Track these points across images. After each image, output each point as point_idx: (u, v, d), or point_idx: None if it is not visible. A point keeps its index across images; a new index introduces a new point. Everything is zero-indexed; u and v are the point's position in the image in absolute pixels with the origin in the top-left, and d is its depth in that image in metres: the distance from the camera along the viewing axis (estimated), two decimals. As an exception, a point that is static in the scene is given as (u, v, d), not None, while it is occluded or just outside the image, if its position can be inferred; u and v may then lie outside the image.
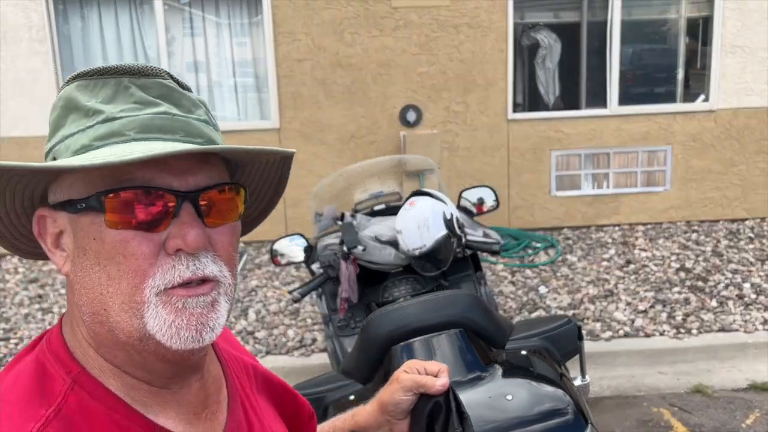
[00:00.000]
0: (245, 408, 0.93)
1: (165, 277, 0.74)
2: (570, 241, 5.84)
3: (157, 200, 0.73)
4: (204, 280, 0.76)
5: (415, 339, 1.92)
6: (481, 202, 2.95)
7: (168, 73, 0.81)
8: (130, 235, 0.73)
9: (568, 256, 5.48)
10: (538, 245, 5.73)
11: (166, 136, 0.75)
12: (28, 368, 0.78)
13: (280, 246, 2.93)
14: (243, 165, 0.87)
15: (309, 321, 4.55)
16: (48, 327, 4.62)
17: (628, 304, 4.59)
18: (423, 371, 1.14)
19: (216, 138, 0.81)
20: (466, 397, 1.14)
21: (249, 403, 0.95)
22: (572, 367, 2.22)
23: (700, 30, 6.20)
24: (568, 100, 6.27)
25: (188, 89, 0.83)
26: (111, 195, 0.72)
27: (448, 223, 2.50)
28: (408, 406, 1.12)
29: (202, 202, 0.76)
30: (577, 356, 2.16)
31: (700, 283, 4.85)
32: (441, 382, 1.11)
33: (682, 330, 4.22)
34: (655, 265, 5.21)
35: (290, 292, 3.76)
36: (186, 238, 0.73)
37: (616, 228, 6.12)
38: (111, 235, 0.73)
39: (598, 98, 6.12)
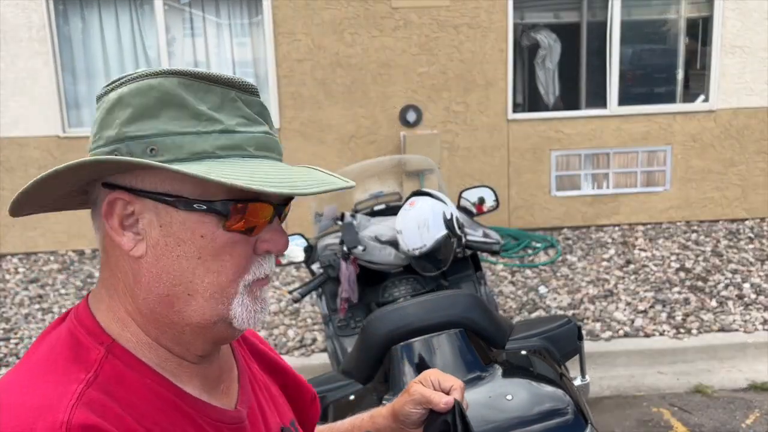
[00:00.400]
0: (254, 387, 1.01)
1: (255, 273, 0.87)
2: (570, 241, 5.84)
3: (263, 211, 0.85)
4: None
5: (415, 339, 1.92)
6: (481, 202, 2.95)
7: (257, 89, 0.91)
8: (238, 238, 0.84)
9: (568, 256, 5.48)
10: (538, 245, 5.74)
11: (270, 154, 0.87)
12: (62, 337, 0.84)
13: (280, 246, 2.93)
14: None
15: (309, 321, 4.55)
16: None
17: (628, 304, 4.59)
18: (437, 385, 1.10)
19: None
20: (466, 397, 1.12)
21: (258, 385, 1.03)
22: (572, 367, 2.22)
23: (700, 30, 6.20)
24: (568, 100, 6.27)
25: None
26: (237, 204, 0.82)
27: (448, 223, 2.50)
28: (419, 419, 1.10)
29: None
30: (577, 356, 2.16)
31: (699, 283, 4.86)
32: (445, 400, 1.07)
33: (682, 330, 4.22)
34: (655, 265, 5.21)
35: (290, 292, 3.75)
36: (279, 243, 0.88)
37: (616, 228, 6.12)
38: (224, 237, 0.83)
39: (598, 98, 6.12)
